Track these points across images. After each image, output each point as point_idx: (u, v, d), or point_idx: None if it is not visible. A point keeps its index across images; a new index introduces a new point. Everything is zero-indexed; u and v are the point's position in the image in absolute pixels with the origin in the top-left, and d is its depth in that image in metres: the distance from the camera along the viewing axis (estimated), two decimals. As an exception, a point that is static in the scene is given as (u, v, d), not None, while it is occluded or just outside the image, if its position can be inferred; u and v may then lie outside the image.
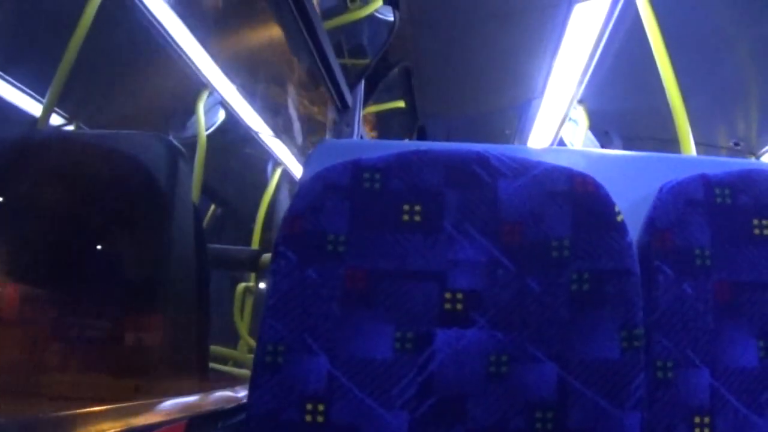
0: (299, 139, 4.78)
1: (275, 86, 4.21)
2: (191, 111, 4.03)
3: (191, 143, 3.87)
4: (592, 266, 1.48)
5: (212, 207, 5.37)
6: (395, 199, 1.53)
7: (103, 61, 3.23)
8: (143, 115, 3.86)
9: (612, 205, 1.51)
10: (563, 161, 1.61)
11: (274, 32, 3.33)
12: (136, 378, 1.81)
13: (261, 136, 4.51)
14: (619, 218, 1.50)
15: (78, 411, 1.35)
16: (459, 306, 1.48)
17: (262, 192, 5.09)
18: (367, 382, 1.44)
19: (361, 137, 3.57)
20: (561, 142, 4.83)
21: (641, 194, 1.70)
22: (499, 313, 1.47)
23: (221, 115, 4.33)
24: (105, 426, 1.31)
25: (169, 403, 1.61)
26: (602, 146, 4.65)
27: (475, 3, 3.34)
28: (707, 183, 1.61)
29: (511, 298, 1.48)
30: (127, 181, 1.90)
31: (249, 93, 4.00)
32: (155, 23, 3.04)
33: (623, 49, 3.49)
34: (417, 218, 1.52)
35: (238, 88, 3.88)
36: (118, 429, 1.32)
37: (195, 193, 3.46)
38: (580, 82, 3.88)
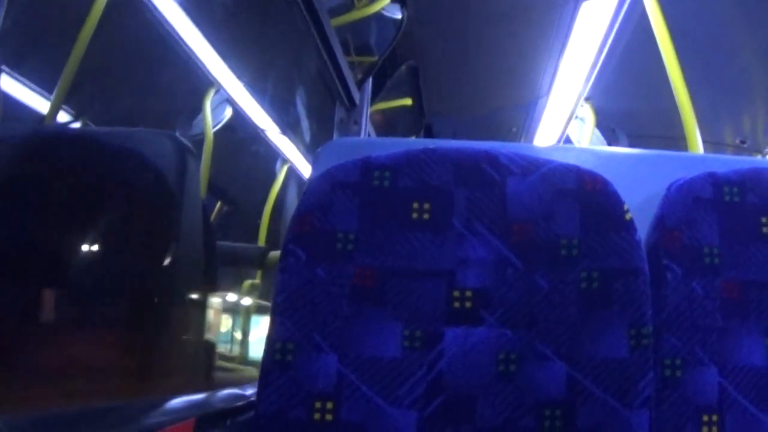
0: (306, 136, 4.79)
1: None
2: (198, 109, 4.03)
3: (198, 141, 3.88)
4: (601, 265, 1.48)
5: (218, 204, 5.38)
6: (404, 197, 1.53)
7: (110, 59, 3.24)
8: (150, 113, 3.87)
9: (621, 203, 1.51)
10: (572, 159, 1.61)
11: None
12: (142, 373, 1.82)
13: (268, 133, 4.51)
14: (627, 217, 1.50)
15: (87, 408, 1.36)
16: (468, 304, 1.48)
17: (269, 189, 5.10)
18: (375, 381, 1.44)
19: (369, 135, 3.57)
20: (568, 140, 4.82)
21: (650, 192, 1.70)
22: (508, 311, 1.47)
23: (228, 112, 4.33)
24: (114, 423, 1.31)
25: (178, 401, 1.61)
26: (609, 144, 4.64)
27: (482, 2, 3.34)
28: (715, 181, 1.61)
29: (520, 297, 1.48)
30: (136, 178, 1.90)
31: (256, 90, 4.01)
32: (162, 21, 3.04)
33: (630, 48, 3.49)
34: (426, 216, 1.52)
35: (245, 86, 3.88)
36: (128, 427, 1.33)
37: (202, 190, 3.47)
38: (587, 80, 3.88)
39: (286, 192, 5.24)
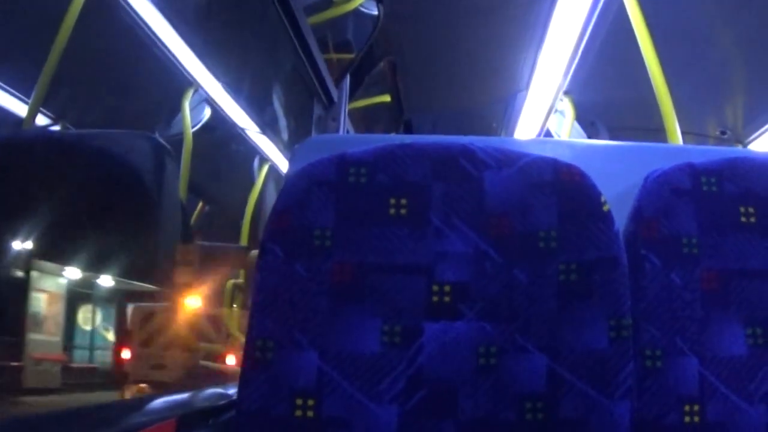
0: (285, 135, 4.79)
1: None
2: (177, 109, 4.03)
3: (177, 141, 3.88)
4: (580, 257, 1.48)
5: (200, 205, 5.38)
6: (381, 193, 1.53)
7: (88, 61, 3.24)
8: (129, 114, 3.86)
9: (598, 195, 1.51)
10: (549, 152, 1.61)
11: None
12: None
13: (247, 132, 4.52)
14: (605, 208, 1.51)
15: (69, 409, 1.36)
16: (447, 299, 1.48)
17: (249, 189, 5.09)
18: (356, 377, 1.44)
19: (347, 132, 3.57)
20: (548, 134, 4.82)
21: (627, 184, 1.70)
22: (488, 305, 1.47)
23: (207, 112, 4.33)
24: (95, 424, 1.31)
25: (160, 401, 1.61)
26: (589, 137, 4.65)
27: (459, -4, 3.34)
28: (693, 171, 1.62)
29: (499, 290, 1.48)
30: (114, 180, 1.90)
31: (235, 90, 4.01)
32: (139, 22, 3.04)
33: (609, 40, 3.49)
34: (403, 212, 1.52)
35: (223, 86, 3.88)
36: (110, 427, 1.33)
37: (182, 191, 3.46)
38: (566, 74, 3.88)
39: (266, 190, 5.24)
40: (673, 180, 1.60)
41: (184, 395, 1.76)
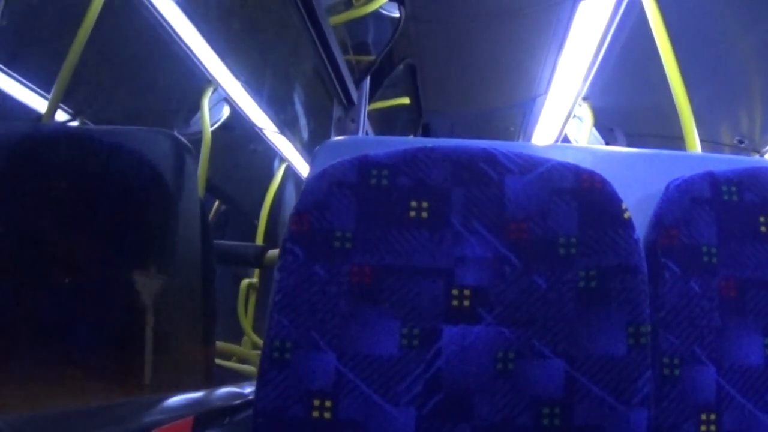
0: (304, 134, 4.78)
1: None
2: (196, 107, 4.03)
3: (196, 140, 3.88)
4: (599, 263, 1.48)
5: (216, 203, 5.37)
6: (402, 196, 1.53)
7: (108, 57, 3.24)
8: (148, 111, 3.86)
9: (619, 202, 1.51)
10: (570, 158, 1.61)
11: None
12: (140, 373, 1.81)
13: (265, 132, 4.51)
14: (626, 215, 1.50)
15: (86, 407, 1.36)
16: (466, 302, 1.48)
17: (266, 188, 5.09)
18: (374, 379, 1.45)
19: (366, 133, 3.57)
20: (565, 140, 4.82)
21: (648, 191, 1.70)
22: (506, 309, 1.47)
23: (226, 111, 4.33)
24: (113, 421, 1.31)
25: (177, 399, 1.61)
26: (607, 143, 4.64)
27: (480, 0, 3.34)
28: (714, 180, 1.61)
29: (518, 295, 1.48)
30: (134, 177, 1.90)
31: (254, 89, 4.00)
32: (160, 19, 3.04)
33: (628, 46, 3.49)
34: (424, 215, 1.52)
35: (243, 84, 3.88)
36: (127, 425, 1.33)
37: (200, 189, 3.46)
38: (585, 79, 3.88)
39: (283, 191, 5.24)
40: (694, 188, 1.60)
41: (201, 394, 1.76)
